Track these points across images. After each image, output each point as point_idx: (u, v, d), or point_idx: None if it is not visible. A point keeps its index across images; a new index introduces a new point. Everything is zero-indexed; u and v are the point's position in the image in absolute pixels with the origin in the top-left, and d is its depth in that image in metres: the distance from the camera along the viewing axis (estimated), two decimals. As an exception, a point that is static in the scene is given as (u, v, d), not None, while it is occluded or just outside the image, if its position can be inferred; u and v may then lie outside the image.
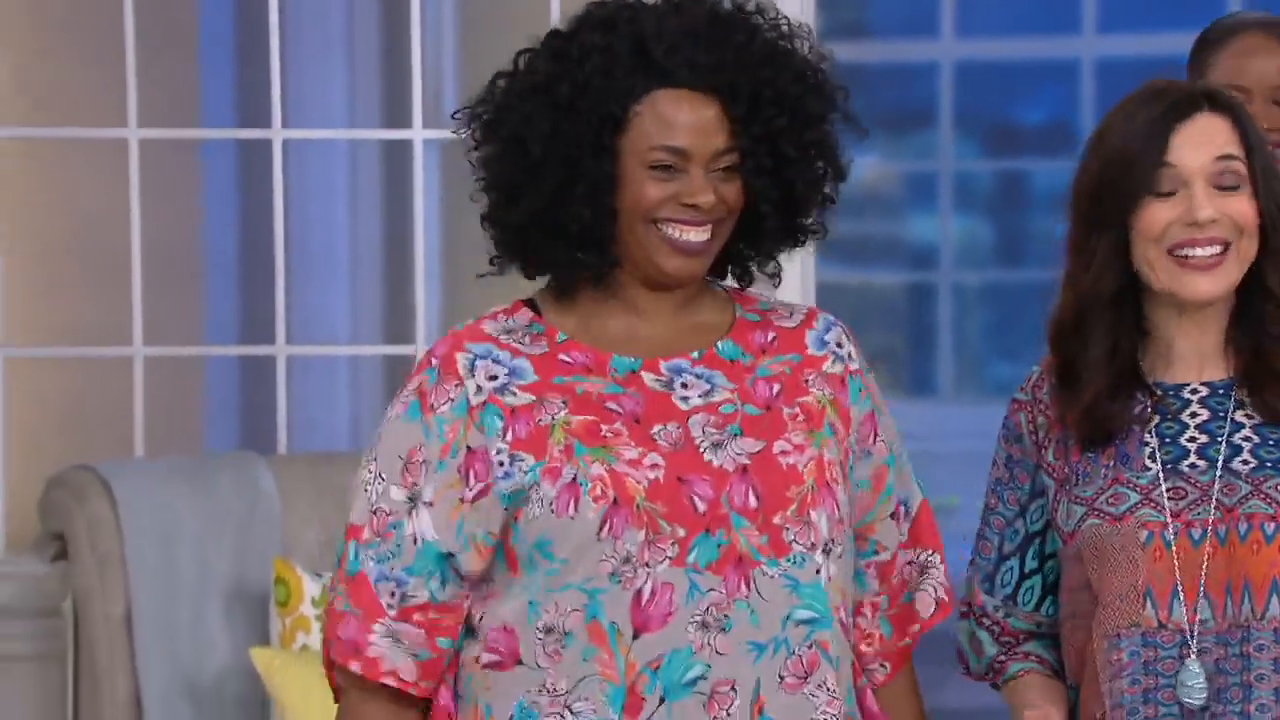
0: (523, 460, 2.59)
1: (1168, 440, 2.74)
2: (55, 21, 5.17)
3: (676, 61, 2.58)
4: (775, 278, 2.73)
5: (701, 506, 2.58)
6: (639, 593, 2.57)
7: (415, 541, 2.61)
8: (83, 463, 4.75)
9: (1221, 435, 2.72)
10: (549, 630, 2.59)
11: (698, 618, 2.57)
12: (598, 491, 2.57)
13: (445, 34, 6.02)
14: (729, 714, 2.57)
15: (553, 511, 2.57)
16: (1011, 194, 8.91)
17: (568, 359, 2.64)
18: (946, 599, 2.77)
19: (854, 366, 2.71)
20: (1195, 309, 2.72)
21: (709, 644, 2.57)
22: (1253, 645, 2.68)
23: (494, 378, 2.62)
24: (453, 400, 2.62)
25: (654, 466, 2.58)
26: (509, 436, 2.60)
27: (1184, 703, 2.67)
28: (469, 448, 2.61)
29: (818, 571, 2.60)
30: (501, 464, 2.59)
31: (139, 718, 4.56)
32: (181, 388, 5.48)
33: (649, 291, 2.65)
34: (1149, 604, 2.70)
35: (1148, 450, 2.73)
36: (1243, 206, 2.70)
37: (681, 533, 2.57)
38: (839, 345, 2.71)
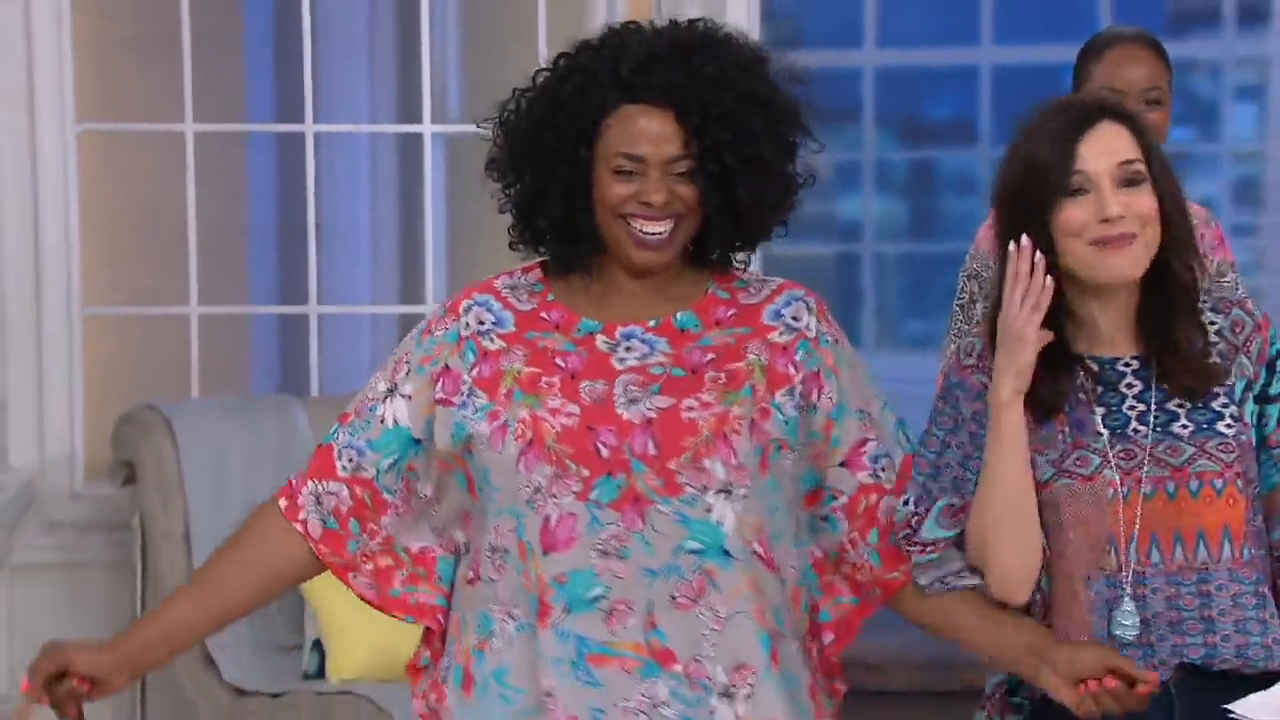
0: (478, 397, 2.62)
1: (1112, 409, 2.69)
2: (123, 33, 5.16)
3: (640, 80, 2.58)
4: (745, 264, 2.72)
5: (605, 452, 2.58)
6: (546, 518, 2.57)
7: (383, 422, 2.66)
8: (148, 403, 4.76)
9: (1154, 402, 2.68)
10: (494, 549, 2.61)
11: (599, 546, 2.57)
12: (519, 432, 2.59)
13: (450, 45, 6.02)
14: (625, 628, 2.57)
15: (488, 446, 2.60)
16: (923, 179, 8.91)
17: (546, 316, 2.66)
18: None
19: (809, 334, 2.66)
20: (1112, 292, 2.67)
21: (609, 569, 2.57)
22: (1212, 585, 2.64)
23: (482, 322, 2.66)
24: (447, 329, 2.67)
25: (570, 415, 2.59)
26: (475, 373, 2.64)
27: (1116, 636, 2.64)
28: (447, 365, 2.65)
29: (708, 510, 2.58)
30: (464, 394, 2.63)
31: (196, 616, 4.57)
32: (230, 340, 5.48)
33: (628, 275, 2.65)
34: (1111, 551, 2.65)
35: (1097, 418, 2.68)
36: (1145, 201, 2.65)
37: (586, 473, 2.57)
38: (795, 319, 2.67)
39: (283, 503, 2.68)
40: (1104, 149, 2.66)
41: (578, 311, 2.65)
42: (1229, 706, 2.58)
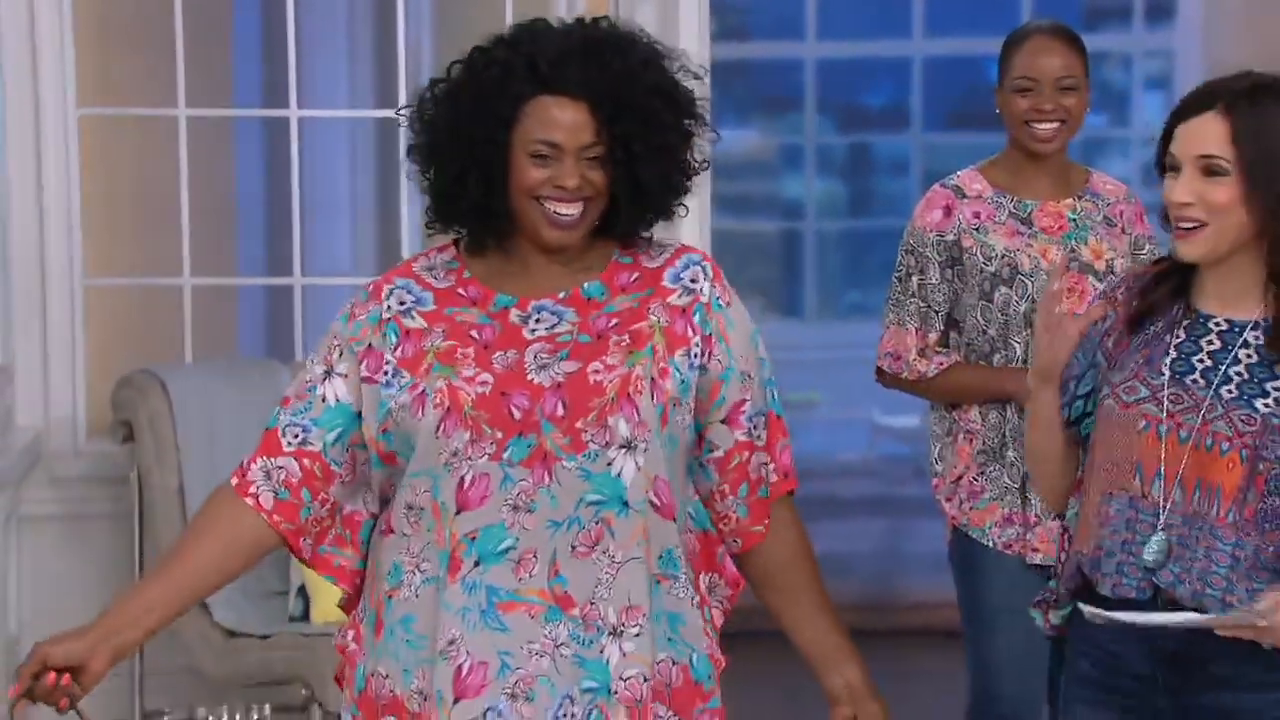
0: (402, 376, 2.60)
1: (1183, 356, 2.71)
2: (121, 24, 5.14)
3: (556, 74, 2.57)
4: (649, 239, 2.70)
5: (518, 415, 2.56)
6: (462, 479, 2.56)
7: (324, 400, 2.62)
8: (145, 367, 4.75)
9: (1224, 365, 2.69)
10: (410, 506, 2.60)
11: (510, 502, 2.56)
12: (438, 400, 2.57)
13: (424, 34, 6.00)
14: (531, 575, 2.56)
15: (409, 414, 2.58)
16: (860, 162, 8.91)
17: (463, 293, 2.64)
18: (769, 495, 2.70)
19: (704, 299, 2.66)
20: (1214, 263, 2.71)
21: (518, 522, 2.56)
22: (1218, 538, 2.66)
23: (403, 303, 2.64)
24: (370, 313, 2.63)
25: (484, 383, 2.57)
26: (398, 353, 2.61)
27: (1146, 560, 2.67)
28: (370, 345, 2.62)
29: (609, 464, 2.57)
30: (387, 374, 2.61)
31: (189, 564, 4.56)
32: (221, 309, 5.46)
33: (538, 252, 2.64)
34: (1137, 476, 2.68)
35: (1167, 360, 2.71)
36: (1220, 193, 2.66)
37: (499, 435, 2.56)
38: (692, 281, 2.66)
39: (234, 481, 2.64)
40: (1191, 137, 2.68)
41: (493, 287, 2.64)
42: (1083, 605, 2.66)
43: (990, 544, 3.84)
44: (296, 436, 2.62)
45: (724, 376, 2.66)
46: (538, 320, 2.62)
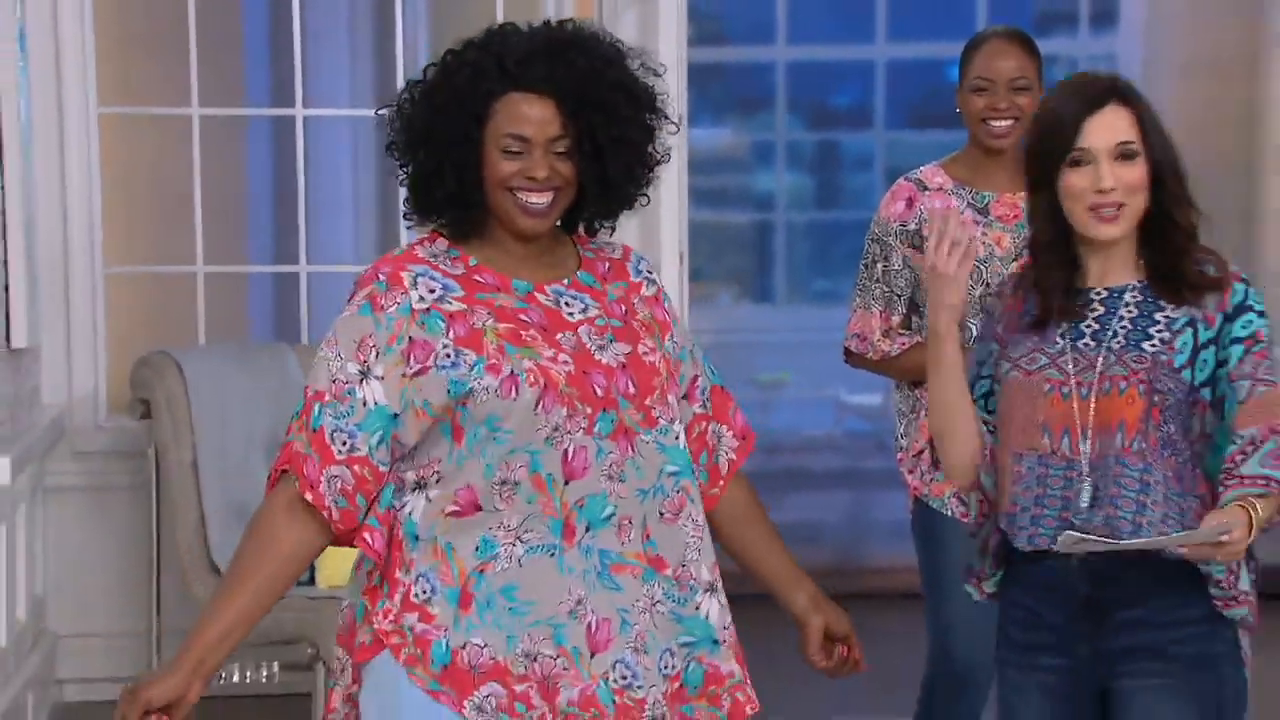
0: (466, 355, 2.55)
1: (1074, 324, 2.79)
2: (138, 29, 5.14)
3: (523, 71, 2.57)
4: (612, 230, 2.71)
5: (600, 392, 2.57)
6: (565, 452, 2.55)
7: (365, 404, 2.54)
8: (161, 349, 4.76)
9: (1110, 325, 2.77)
10: (504, 482, 2.55)
11: (606, 472, 2.57)
12: (531, 380, 2.54)
13: (420, 39, 6.00)
14: (630, 539, 2.59)
15: (498, 396, 2.54)
16: (827, 158, 8.91)
17: (481, 279, 2.61)
18: (736, 457, 2.76)
19: (660, 287, 2.71)
20: (1103, 243, 2.79)
21: (614, 491, 2.58)
22: (1125, 465, 2.73)
23: (433, 290, 2.58)
24: (399, 304, 2.56)
25: (565, 363, 2.57)
26: (450, 335, 2.55)
27: (1076, 505, 2.73)
28: (410, 338, 2.55)
29: (676, 437, 2.62)
30: (448, 356, 2.55)
31: (204, 534, 4.57)
32: (232, 295, 5.47)
33: (514, 240, 2.63)
34: (1045, 435, 2.76)
35: (1059, 330, 2.79)
36: (1135, 173, 2.75)
37: (589, 410, 2.56)
38: (649, 273, 2.71)
39: (309, 496, 2.55)
40: (1105, 127, 2.74)
41: (502, 272, 2.62)
42: (1069, 533, 2.69)
43: (949, 513, 3.87)
44: (345, 443, 2.54)
45: (682, 355, 2.71)
46: (567, 304, 2.62)
